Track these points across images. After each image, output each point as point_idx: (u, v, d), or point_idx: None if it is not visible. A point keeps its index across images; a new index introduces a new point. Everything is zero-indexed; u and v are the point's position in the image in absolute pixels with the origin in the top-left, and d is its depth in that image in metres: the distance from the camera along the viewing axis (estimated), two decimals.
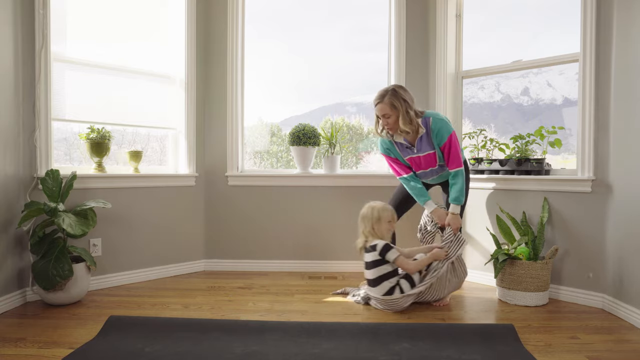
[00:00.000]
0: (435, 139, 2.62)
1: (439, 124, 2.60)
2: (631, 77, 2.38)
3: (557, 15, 3.02)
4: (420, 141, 2.65)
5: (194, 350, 1.91)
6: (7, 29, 2.47)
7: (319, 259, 3.46)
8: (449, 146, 2.60)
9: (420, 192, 2.73)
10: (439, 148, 2.64)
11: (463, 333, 2.12)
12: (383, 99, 2.58)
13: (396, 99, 2.56)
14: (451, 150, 2.60)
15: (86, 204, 2.64)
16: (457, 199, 2.63)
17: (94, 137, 2.92)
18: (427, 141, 2.64)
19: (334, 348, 1.95)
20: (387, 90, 2.60)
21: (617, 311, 2.45)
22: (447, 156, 2.62)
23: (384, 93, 2.60)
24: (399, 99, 2.56)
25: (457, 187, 2.63)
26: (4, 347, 1.96)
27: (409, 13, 3.44)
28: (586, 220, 2.64)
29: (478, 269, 3.14)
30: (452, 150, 2.60)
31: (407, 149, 2.69)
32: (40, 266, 2.45)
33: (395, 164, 2.78)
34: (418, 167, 2.73)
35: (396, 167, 2.78)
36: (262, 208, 3.46)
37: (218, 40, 3.46)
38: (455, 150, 2.60)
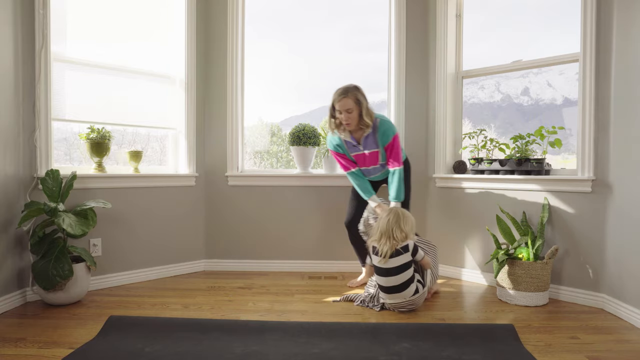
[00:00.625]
0: (380, 139, 2.78)
1: (386, 124, 2.78)
2: (631, 77, 2.38)
3: (557, 15, 3.02)
4: (366, 139, 2.79)
5: (194, 350, 1.91)
6: (7, 29, 2.47)
7: (319, 259, 3.46)
8: (392, 146, 2.78)
9: (366, 187, 2.88)
10: (383, 147, 2.80)
11: (463, 333, 2.12)
12: (347, 94, 2.69)
13: (359, 94, 2.72)
14: (393, 150, 2.78)
15: (86, 204, 2.64)
16: (398, 196, 2.79)
17: (94, 137, 2.92)
18: (372, 140, 2.79)
19: (334, 348, 1.95)
20: (349, 87, 2.74)
21: (617, 311, 2.45)
22: (389, 155, 2.80)
23: (346, 89, 2.72)
24: (361, 94, 2.73)
25: (395, 185, 2.79)
26: (4, 347, 1.96)
27: (409, 13, 3.43)
28: (586, 220, 2.64)
29: (478, 269, 3.14)
30: (395, 150, 2.79)
31: (354, 147, 2.83)
32: (40, 266, 2.45)
33: (343, 160, 2.90)
34: (363, 163, 2.89)
35: (344, 162, 2.90)
36: (262, 208, 3.46)
37: (218, 40, 3.46)
38: (397, 150, 2.79)
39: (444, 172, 3.34)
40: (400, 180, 2.80)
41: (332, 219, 3.46)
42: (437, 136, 3.36)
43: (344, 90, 2.72)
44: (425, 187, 3.46)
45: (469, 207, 3.19)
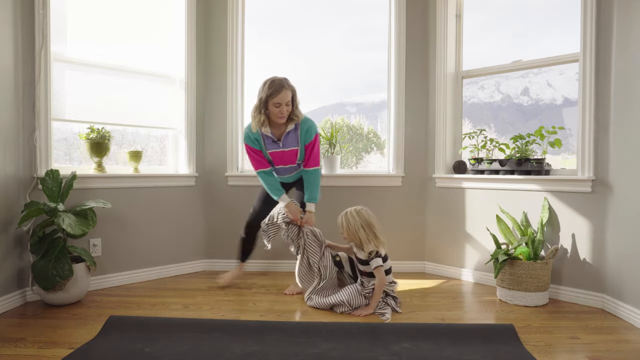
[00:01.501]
0: (303, 136, 2.73)
1: (309, 123, 2.74)
2: (631, 77, 2.38)
3: (557, 15, 3.02)
4: (287, 136, 2.73)
5: (194, 350, 1.91)
6: (7, 29, 2.47)
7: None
8: (313, 145, 2.74)
9: (276, 187, 2.77)
10: (303, 145, 2.74)
11: (463, 333, 2.12)
12: (287, 86, 2.64)
13: (293, 87, 2.68)
14: (314, 149, 2.75)
15: (86, 204, 2.64)
16: (314, 197, 2.76)
17: (94, 137, 2.92)
18: (294, 137, 2.73)
19: (334, 348, 1.95)
20: (281, 78, 2.66)
21: (617, 311, 2.45)
22: (309, 154, 2.75)
23: (281, 80, 2.65)
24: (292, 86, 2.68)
25: (314, 185, 2.76)
26: (4, 347, 1.96)
27: (409, 13, 3.43)
28: (586, 220, 2.64)
29: (478, 269, 3.14)
30: (315, 150, 2.75)
31: (273, 143, 2.74)
32: (40, 266, 2.45)
33: (256, 156, 2.76)
34: (279, 161, 2.79)
35: (258, 158, 2.76)
36: None
37: (218, 40, 3.46)
38: (317, 150, 2.77)
39: (444, 172, 3.34)
40: (318, 181, 2.77)
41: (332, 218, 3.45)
42: (437, 136, 3.36)
43: (280, 82, 2.63)
44: (425, 187, 3.46)
45: (469, 207, 3.19)
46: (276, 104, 2.61)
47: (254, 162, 2.78)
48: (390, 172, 3.51)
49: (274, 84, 2.62)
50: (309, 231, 2.74)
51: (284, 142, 2.73)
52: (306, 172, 2.79)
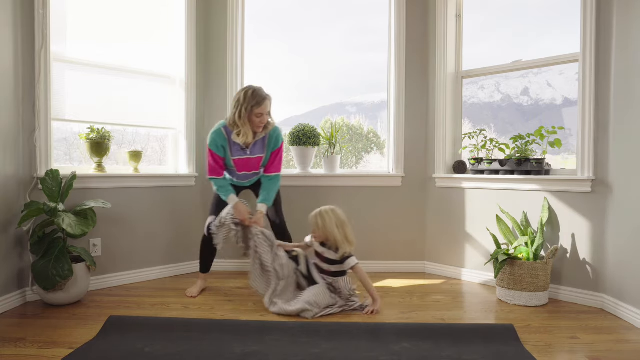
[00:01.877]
0: (272, 143, 2.76)
1: (278, 131, 2.79)
2: (631, 77, 2.38)
3: (557, 15, 3.02)
4: (255, 145, 2.74)
5: (194, 350, 1.91)
6: (7, 29, 2.47)
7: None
8: (278, 152, 2.79)
9: (226, 188, 2.75)
10: (270, 152, 2.78)
11: (463, 333, 2.12)
12: (267, 96, 2.65)
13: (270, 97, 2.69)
14: (278, 156, 2.80)
15: (86, 204, 2.64)
16: (269, 200, 2.76)
17: (94, 137, 2.92)
18: (261, 144, 2.76)
19: (334, 348, 1.95)
20: (261, 88, 2.66)
21: (617, 311, 2.45)
22: (273, 161, 2.79)
23: (263, 91, 2.65)
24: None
25: (272, 190, 2.77)
26: (4, 347, 1.96)
27: (409, 13, 3.43)
28: (586, 221, 2.64)
29: (478, 269, 3.14)
30: (279, 157, 2.80)
31: (241, 150, 2.73)
32: (40, 266, 2.45)
33: (215, 163, 2.72)
34: (243, 168, 2.77)
35: (214, 165, 2.72)
36: None
37: (218, 40, 3.46)
38: (281, 157, 2.82)
39: (443, 172, 3.34)
40: (276, 187, 2.79)
41: None
42: (437, 136, 3.36)
43: (263, 92, 2.63)
44: (425, 187, 3.46)
45: (469, 207, 3.19)
46: (258, 114, 2.62)
47: (211, 168, 2.73)
48: (390, 172, 3.51)
49: (256, 94, 2.61)
50: (259, 232, 2.62)
51: (252, 150, 2.74)
52: (267, 177, 2.80)
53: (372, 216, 3.47)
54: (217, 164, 2.73)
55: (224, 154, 2.73)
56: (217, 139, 2.69)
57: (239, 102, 2.62)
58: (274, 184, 2.80)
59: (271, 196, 2.77)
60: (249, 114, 2.62)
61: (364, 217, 3.46)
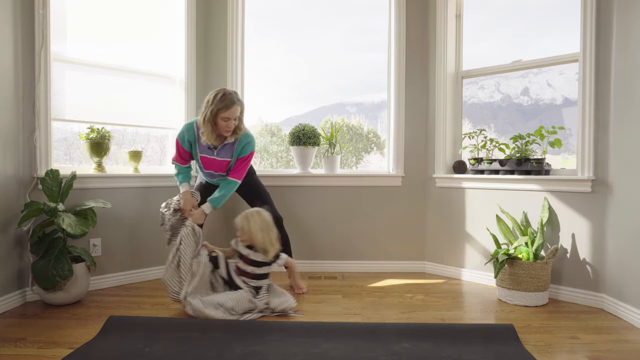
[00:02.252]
0: (240, 149, 2.73)
1: (249, 138, 2.75)
2: (631, 77, 2.38)
3: (557, 15, 3.02)
4: (224, 147, 2.73)
5: (194, 350, 1.91)
6: (7, 29, 2.47)
7: (319, 259, 3.46)
8: (245, 160, 2.75)
9: (183, 175, 2.79)
10: (236, 158, 2.75)
11: (463, 333, 2.12)
12: (238, 101, 2.63)
13: (242, 102, 2.68)
14: (242, 164, 2.75)
15: (86, 204, 2.64)
16: (217, 201, 2.71)
17: (94, 137, 2.92)
18: (230, 149, 2.74)
19: (333, 348, 1.95)
20: (232, 92, 2.64)
21: (617, 311, 2.45)
22: (237, 166, 2.75)
23: (232, 94, 2.62)
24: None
25: (224, 193, 2.72)
26: (4, 347, 1.96)
27: (409, 13, 3.43)
28: (586, 220, 2.64)
29: (478, 269, 3.14)
30: (243, 165, 2.76)
31: (208, 149, 2.74)
32: (40, 266, 2.45)
33: (180, 154, 2.78)
34: (208, 167, 2.79)
35: (181, 156, 2.79)
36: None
37: (218, 40, 3.46)
38: (245, 166, 2.77)
39: (443, 172, 3.34)
40: (229, 191, 2.73)
41: (332, 219, 3.46)
42: (437, 136, 3.36)
43: (231, 96, 2.60)
44: (425, 187, 3.46)
45: (469, 207, 3.19)
46: (225, 118, 2.59)
47: (177, 155, 2.80)
48: (390, 172, 3.51)
49: (225, 98, 2.58)
50: (190, 225, 2.58)
51: (219, 152, 2.73)
52: (226, 179, 2.77)
53: (372, 216, 3.47)
54: (180, 156, 2.79)
55: (189, 148, 2.77)
56: (186, 134, 2.73)
57: (208, 104, 2.61)
58: (229, 189, 2.73)
59: (222, 199, 2.71)
60: (214, 116, 2.59)
61: (364, 217, 3.46)
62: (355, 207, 3.46)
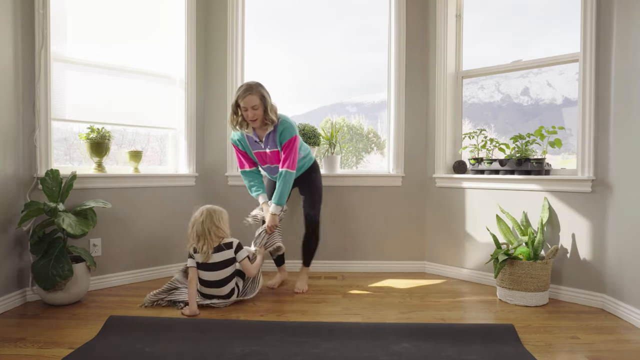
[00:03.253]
0: (278, 138, 2.76)
1: (286, 124, 2.75)
2: (631, 77, 2.38)
3: (557, 15, 3.02)
4: (268, 137, 2.77)
5: (194, 350, 1.91)
6: (7, 29, 2.47)
7: (319, 258, 3.46)
8: (287, 147, 2.74)
9: (253, 186, 2.88)
10: (280, 146, 2.77)
11: (463, 333, 2.12)
12: (252, 91, 2.66)
13: (264, 90, 2.70)
14: (287, 151, 2.74)
15: (86, 204, 2.64)
16: (279, 200, 2.76)
17: (94, 137, 2.92)
18: (272, 139, 2.77)
19: (333, 348, 1.95)
20: (252, 83, 2.70)
21: (617, 311, 2.45)
22: (284, 156, 2.75)
23: (250, 85, 2.68)
24: (265, 90, 2.71)
25: (279, 188, 2.76)
26: (4, 347, 1.96)
27: (409, 13, 3.43)
28: (586, 220, 2.64)
29: (478, 269, 3.14)
30: (288, 152, 2.74)
31: (256, 143, 2.80)
32: (40, 266, 2.45)
33: (242, 157, 2.88)
34: (264, 161, 2.87)
35: (243, 159, 2.88)
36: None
37: (218, 40, 3.46)
38: (291, 153, 2.74)
39: (444, 172, 3.34)
40: (286, 184, 2.74)
41: (332, 219, 3.46)
42: (437, 136, 3.37)
43: (248, 86, 2.67)
44: (425, 187, 3.46)
45: (469, 207, 3.19)
46: (243, 108, 2.67)
47: (239, 161, 2.91)
48: (390, 172, 3.51)
49: (241, 89, 2.69)
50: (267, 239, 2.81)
51: (266, 143, 2.78)
52: (279, 173, 2.78)
53: (372, 216, 3.47)
54: (244, 157, 2.88)
55: (243, 148, 2.85)
56: (235, 134, 2.85)
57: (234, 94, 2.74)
58: (283, 182, 2.74)
59: (281, 196, 2.76)
60: (236, 107, 2.71)
61: (364, 217, 3.46)
62: (356, 207, 3.46)
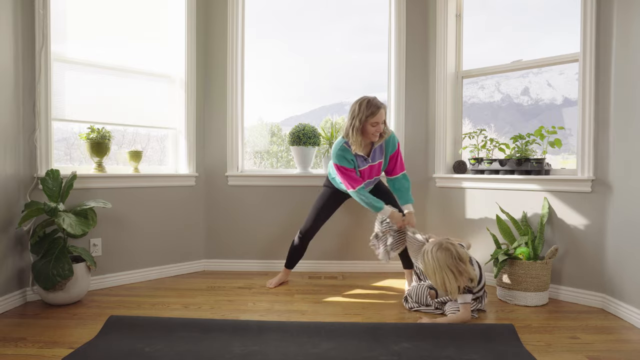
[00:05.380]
0: (388, 147, 2.78)
1: (394, 137, 2.80)
2: (631, 77, 2.38)
3: (558, 15, 3.02)
4: (374, 153, 2.77)
5: (194, 350, 1.91)
6: (7, 29, 2.47)
7: (319, 258, 3.46)
8: (397, 155, 2.81)
9: (374, 200, 2.73)
10: (388, 156, 2.80)
11: (463, 333, 2.12)
12: (382, 105, 2.66)
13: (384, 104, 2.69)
14: (399, 156, 2.82)
15: (86, 203, 2.64)
16: (410, 199, 2.82)
17: (94, 137, 2.92)
18: (380, 152, 2.78)
19: (333, 348, 1.95)
20: (370, 97, 2.67)
21: (617, 311, 2.45)
22: (395, 163, 2.81)
23: (377, 100, 2.66)
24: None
25: (405, 188, 2.82)
26: (4, 347, 1.96)
27: (409, 13, 3.44)
28: (586, 220, 2.64)
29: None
30: (400, 157, 2.83)
31: (364, 161, 2.76)
32: (40, 266, 2.45)
33: (351, 175, 2.73)
34: (370, 176, 2.82)
35: (352, 177, 2.73)
36: (262, 208, 3.46)
37: (218, 39, 3.46)
38: (401, 157, 2.84)
39: (444, 172, 3.34)
40: (408, 184, 2.83)
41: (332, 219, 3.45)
42: (437, 136, 3.37)
43: (377, 102, 2.65)
44: (425, 187, 3.46)
45: (469, 207, 3.19)
46: (374, 123, 2.63)
47: (350, 180, 2.72)
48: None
49: (370, 104, 2.63)
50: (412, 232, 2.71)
51: (372, 157, 2.77)
52: (395, 179, 2.82)
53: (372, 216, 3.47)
54: (352, 174, 2.73)
55: (354, 165, 2.74)
56: (345, 154, 2.70)
57: (354, 113, 2.65)
58: (404, 182, 2.82)
59: (408, 194, 2.82)
60: (364, 124, 2.63)
61: (364, 217, 3.45)
62: (356, 207, 3.45)
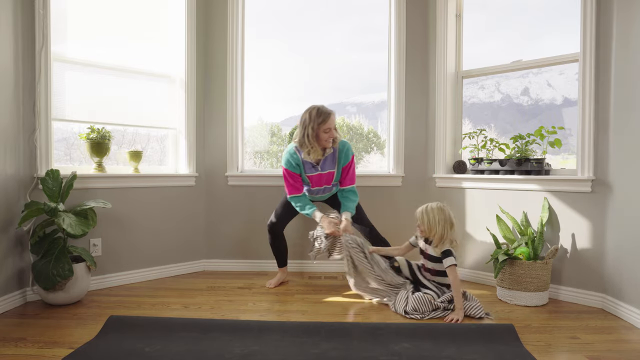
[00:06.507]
0: (342, 159, 2.86)
1: (346, 145, 2.89)
2: (631, 77, 2.38)
3: (558, 15, 3.02)
4: (325, 161, 2.85)
5: (194, 350, 1.91)
6: (7, 29, 2.47)
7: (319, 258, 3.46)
8: (350, 166, 2.88)
9: (309, 206, 2.86)
10: (341, 167, 2.87)
11: (463, 333, 2.12)
12: (332, 111, 2.78)
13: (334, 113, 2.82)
14: (350, 170, 2.88)
15: (86, 204, 2.64)
16: (353, 208, 2.86)
17: (94, 137, 2.92)
18: (331, 160, 2.86)
19: (333, 348, 1.95)
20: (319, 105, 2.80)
21: (617, 311, 2.45)
22: (346, 174, 2.88)
23: (323, 107, 2.79)
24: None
25: (353, 200, 2.88)
26: (4, 347, 1.96)
27: (409, 13, 3.44)
28: (586, 220, 2.64)
29: (478, 269, 3.14)
30: (351, 170, 2.89)
31: (312, 167, 2.84)
32: (40, 266, 2.45)
33: (293, 181, 2.85)
34: (316, 183, 2.91)
35: (293, 184, 2.85)
36: (262, 208, 3.46)
37: (218, 39, 3.46)
38: (354, 170, 2.92)
39: (444, 172, 3.34)
40: (355, 197, 2.89)
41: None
42: (437, 136, 3.37)
43: (323, 108, 2.77)
44: (425, 187, 3.46)
45: (469, 207, 3.19)
46: (326, 129, 2.75)
47: (290, 187, 2.87)
48: (390, 172, 3.51)
49: (321, 112, 2.76)
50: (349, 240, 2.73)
51: (322, 166, 2.86)
52: (343, 190, 2.90)
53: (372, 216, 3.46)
54: (294, 180, 2.86)
55: (299, 171, 2.87)
56: (291, 159, 2.84)
57: (306, 122, 2.76)
58: (352, 195, 2.89)
59: (352, 204, 2.86)
60: (317, 131, 2.74)
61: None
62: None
